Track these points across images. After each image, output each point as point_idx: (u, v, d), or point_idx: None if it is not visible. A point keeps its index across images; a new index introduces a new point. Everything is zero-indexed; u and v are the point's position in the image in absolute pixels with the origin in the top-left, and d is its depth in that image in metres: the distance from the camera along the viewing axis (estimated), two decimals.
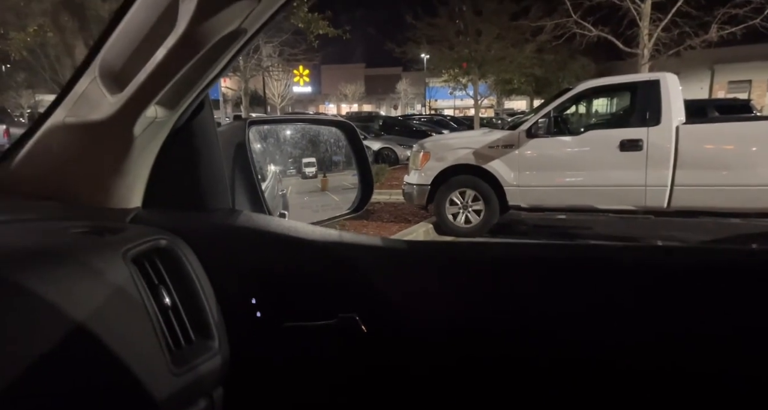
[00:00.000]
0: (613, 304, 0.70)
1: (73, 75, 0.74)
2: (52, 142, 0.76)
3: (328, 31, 8.45)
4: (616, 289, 0.71)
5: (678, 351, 0.67)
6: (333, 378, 0.77)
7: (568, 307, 0.72)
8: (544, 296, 0.73)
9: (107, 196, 0.78)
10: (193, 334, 0.69)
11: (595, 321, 0.71)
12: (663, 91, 5.04)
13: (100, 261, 0.62)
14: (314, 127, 1.27)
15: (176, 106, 0.76)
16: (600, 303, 0.71)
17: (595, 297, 0.71)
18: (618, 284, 0.71)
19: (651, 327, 0.68)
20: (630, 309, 0.70)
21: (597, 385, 0.70)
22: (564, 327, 0.71)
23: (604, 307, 0.71)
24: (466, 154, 5.59)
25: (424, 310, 0.75)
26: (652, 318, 0.69)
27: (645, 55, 12.24)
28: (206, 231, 0.79)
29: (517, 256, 0.78)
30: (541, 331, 0.72)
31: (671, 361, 0.67)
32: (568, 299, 0.72)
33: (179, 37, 0.63)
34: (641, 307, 0.69)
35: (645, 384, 0.68)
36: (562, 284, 0.73)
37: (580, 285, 0.72)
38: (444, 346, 0.74)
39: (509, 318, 0.73)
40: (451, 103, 40.16)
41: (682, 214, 5.09)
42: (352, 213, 1.21)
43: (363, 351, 0.75)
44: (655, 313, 0.69)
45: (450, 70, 18.62)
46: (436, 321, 0.75)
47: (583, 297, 0.71)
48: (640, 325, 0.69)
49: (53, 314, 0.53)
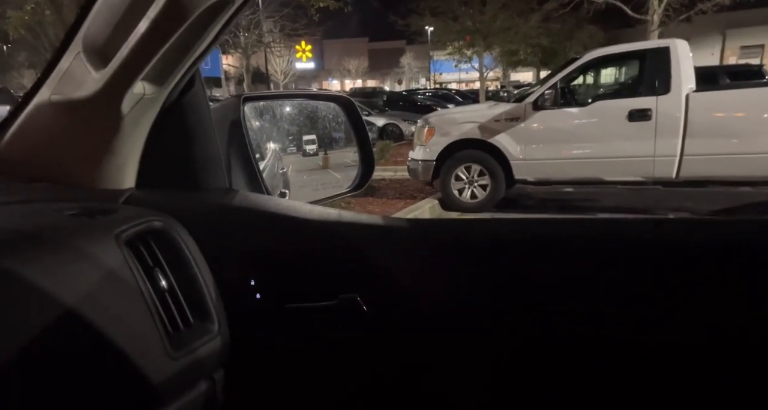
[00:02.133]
0: (619, 281, 0.69)
1: (57, 51, 0.71)
2: (38, 122, 0.74)
3: (329, 4, 8.26)
4: (623, 265, 0.69)
5: (691, 327, 0.66)
6: (335, 359, 0.77)
7: (574, 285, 0.70)
8: (550, 274, 0.71)
9: (98, 176, 0.76)
10: (191, 317, 0.68)
11: (603, 298, 0.69)
12: (673, 59, 4.91)
13: (92, 244, 0.60)
14: (312, 103, 1.24)
15: (165, 82, 0.73)
16: (607, 280, 0.69)
17: (602, 274, 0.69)
18: (626, 260, 0.69)
19: (663, 305, 0.67)
20: (638, 286, 0.68)
21: (605, 363, 0.69)
22: (569, 305, 0.70)
23: (611, 284, 0.69)
24: (471, 128, 5.52)
25: (426, 289, 0.74)
26: (663, 295, 0.67)
27: (654, 21, 11.90)
28: (202, 211, 0.77)
29: (522, 233, 0.76)
30: (547, 310, 0.71)
31: (686, 337, 0.66)
32: (575, 276, 0.70)
33: (161, 7, 0.60)
34: (651, 284, 0.68)
35: (656, 361, 0.67)
36: (567, 261, 0.71)
37: (587, 262, 0.70)
38: (447, 326, 0.73)
39: (513, 297, 0.71)
40: (456, 76, 39.54)
41: (691, 184, 5.02)
42: (352, 190, 1.19)
43: (364, 332, 0.74)
44: (666, 290, 0.67)
45: (454, 42, 18.24)
46: (438, 300, 0.73)
47: (591, 275, 0.70)
48: (650, 303, 0.67)
49: (43, 300, 0.52)
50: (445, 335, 0.74)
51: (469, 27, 17.11)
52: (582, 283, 0.70)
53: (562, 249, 0.72)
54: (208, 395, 0.70)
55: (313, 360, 0.77)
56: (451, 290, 0.73)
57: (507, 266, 0.72)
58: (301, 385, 0.79)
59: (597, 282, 0.69)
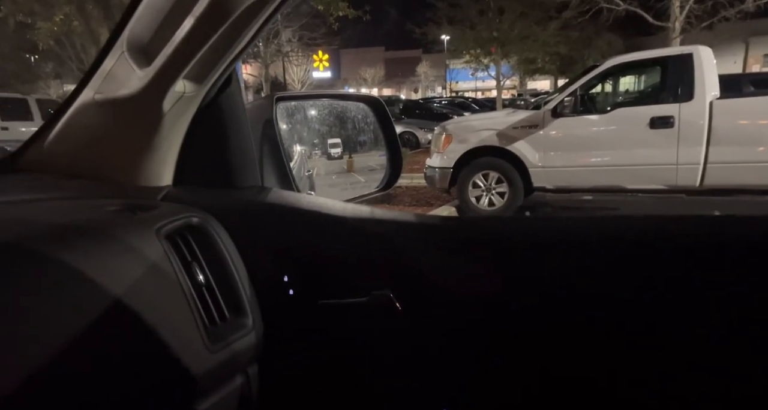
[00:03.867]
0: (654, 278, 0.67)
1: (101, 52, 0.73)
2: (82, 120, 0.76)
3: (347, 13, 8.35)
4: (656, 267, 0.68)
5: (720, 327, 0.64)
6: (367, 355, 0.77)
7: (606, 286, 0.69)
8: (585, 274, 0.70)
9: (138, 173, 0.78)
10: (227, 312, 0.69)
11: (638, 296, 0.68)
12: (696, 65, 4.84)
13: (135, 237, 0.61)
14: (341, 103, 1.25)
15: (204, 80, 0.75)
16: (643, 278, 0.68)
17: (637, 272, 0.68)
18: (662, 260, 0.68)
19: (699, 303, 0.65)
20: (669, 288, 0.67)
21: (634, 363, 0.68)
22: (601, 306, 0.69)
23: (647, 282, 0.68)
24: (489, 135, 5.50)
25: (458, 287, 0.73)
26: (700, 293, 0.66)
27: (676, 28, 11.76)
28: (237, 208, 0.78)
29: (556, 232, 0.75)
30: (580, 312, 0.70)
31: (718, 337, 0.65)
32: (607, 278, 0.69)
33: (206, 6, 0.61)
34: (682, 286, 0.66)
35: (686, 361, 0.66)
36: (603, 262, 0.70)
37: (623, 261, 0.69)
38: (479, 323, 0.73)
39: (547, 296, 0.71)
40: (472, 84, 39.49)
41: (715, 193, 4.92)
42: (381, 190, 1.19)
43: (397, 328, 0.74)
44: (704, 287, 0.66)
45: (471, 50, 18.25)
46: (471, 297, 0.73)
47: (626, 273, 0.69)
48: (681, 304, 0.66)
49: (91, 289, 0.53)
50: (478, 332, 0.73)
51: (487, 35, 17.11)
52: (617, 282, 0.69)
53: (596, 248, 0.71)
54: (243, 389, 0.70)
55: (346, 356, 0.77)
56: (485, 287, 0.73)
57: (543, 265, 0.71)
58: (332, 381, 0.79)
59: (632, 280, 0.68)
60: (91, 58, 9.11)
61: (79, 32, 7.61)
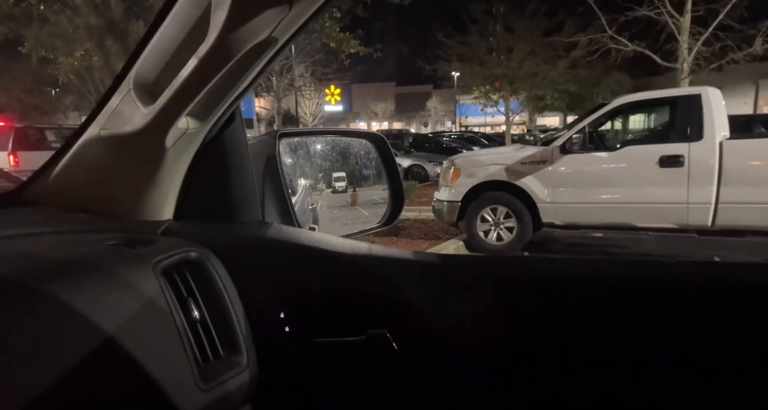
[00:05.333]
0: (662, 326, 0.65)
1: (108, 90, 0.76)
2: (87, 155, 0.78)
3: (359, 50, 8.58)
4: (668, 310, 0.65)
5: (733, 371, 0.62)
6: (363, 396, 0.74)
7: (607, 325, 0.67)
8: (584, 315, 0.68)
9: (140, 207, 0.79)
10: (221, 349, 0.67)
11: (640, 340, 0.66)
12: (705, 106, 4.87)
13: (131, 273, 0.61)
14: (344, 139, 1.26)
15: (207, 118, 0.76)
16: (645, 322, 0.66)
17: (639, 319, 0.66)
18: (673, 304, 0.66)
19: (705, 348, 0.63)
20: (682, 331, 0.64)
21: (634, 402, 0.65)
22: (604, 348, 0.67)
23: (650, 329, 0.65)
24: (497, 170, 5.52)
25: (457, 327, 0.72)
26: (705, 337, 0.63)
27: (684, 69, 11.91)
28: (236, 243, 0.78)
29: (555, 272, 0.74)
30: (580, 352, 0.68)
31: (744, 385, 0.61)
32: (609, 320, 0.68)
33: (210, 46, 0.63)
34: (697, 329, 0.64)
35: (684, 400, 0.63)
36: (604, 303, 0.68)
37: (622, 303, 0.68)
38: (477, 362, 0.71)
39: (545, 337, 0.69)
40: (481, 119, 40.03)
41: (728, 233, 4.84)
42: (382, 226, 1.18)
43: (394, 368, 0.72)
44: (709, 333, 0.63)
45: (481, 87, 18.60)
46: (469, 338, 0.71)
47: (627, 315, 0.67)
48: (699, 349, 0.63)
49: (83, 325, 0.53)
50: (477, 373, 0.70)
51: (496, 72, 17.46)
52: (616, 324, 0.67)
53: (595, 289, 0.69)
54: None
55: (341, 396, 0.74)
56: (483, 327, 0.71)
57: (541, 305, 0.70)
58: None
59: (632, 322, 0.67)
60: None
61: (99, 66, 7.90)
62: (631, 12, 12.30)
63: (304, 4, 0.62)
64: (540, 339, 0.69)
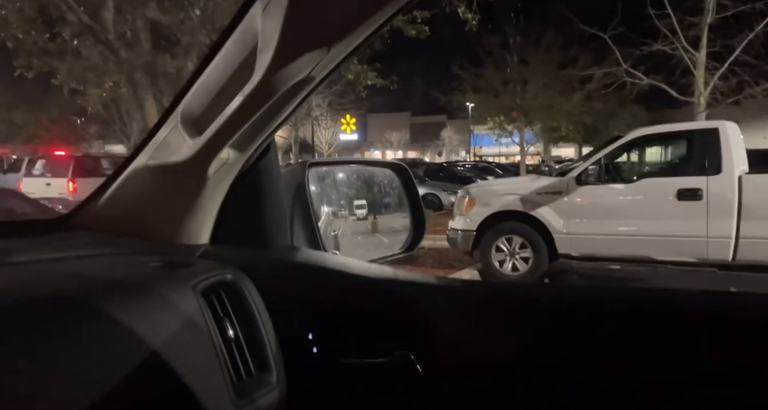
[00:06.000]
0: (681, 356, 0.66)
1: (156, 123, 0.82)
2: (134, 183, 0.84)
3: (376, 82, 8.78)
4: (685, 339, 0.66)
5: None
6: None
7: (631, 357, 0.68)
8: (601, 340, 0.70)
9: (179, 232, 0.84)
10: (253, 367, 0.70)
11: (662, 369, 0.66)
12: (722, 140, 4.85)
13: (173, 293, 0.65)
14: (369, 169, 1.31)
15: (246, 149, 0.81)
16: (669, 352, 0.67)
17: (662, 345, 0.67)
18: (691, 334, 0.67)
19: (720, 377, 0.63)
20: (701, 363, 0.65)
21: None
22: (616, 372, 0.68)
23: (673, 356, 0.66)
24: (512, 199, 5.52)
25: (479, 351, 0.73)
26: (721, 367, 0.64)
27: (701, 103, 11.92)
28: (267, 266, 0.82)
29: (578, 300, 0.75)
30: (602, 380, 0.68)
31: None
32: (628, 345, 0.69)
33: (255, 85, 0.68)
34: (713, 361, 0.64)
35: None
36: (627, 332, 0.69)
37: (643, 332, 0.69)
38: (499, 386, 0.72)
39: (567, 362, 0.70)
40: (496, 150, 40.19)
41: (750, 268, 4.73)
42: (404, 253, 1.21)
43: (417, 391, 0.73)
44: (733, 367, 0.64)
45: (495, 117, 18.77)
46: (491, 362, 0.73)
47: (649, 344, 0.68)
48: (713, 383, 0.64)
49: (130, 340, 0.57)
50: (497, 397, 0.72)
51: (511, 103, 17.64)
52: (638, 352, 0.68)
53: (613, 315, 0.71)
54: None
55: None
56: (506, 353, 0.72)
57: (561, 329, 0.72)
58: None
59: (655, 352, 0.67)
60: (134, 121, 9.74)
61: (126, 98, 8.20)
62: (646, 47, 12.43)
63: (340, 46, 0.67)
64: (561, 364, 0.70)
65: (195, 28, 6.46)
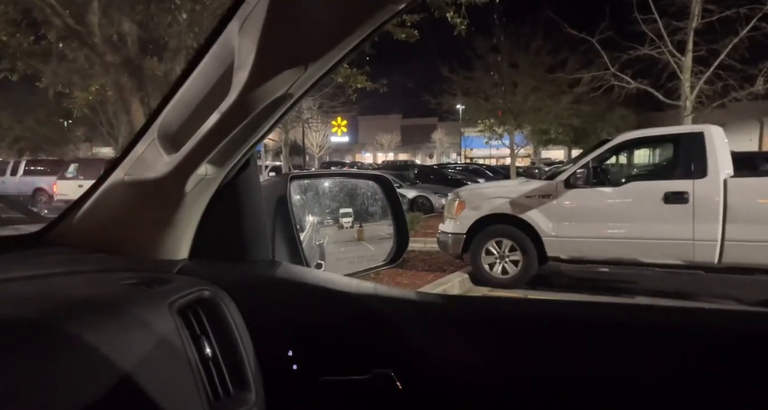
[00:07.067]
0: (663, 374, 0.66)
1: (133, 138, 0.81)
2: (110, 199, 0.82)
3: (366, 85, 8.78)
4: (668, 357, 0.66)
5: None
6: None
7: (611, 374, 0.68)
8: (589, 360, 0.70)
9: (157, 248, 0.83)
10: (231, 386, 0.69)
11: (641, 392, 0.66)
12: (708, 144, 4.92)
13: (148, 311, 0.64)
14: (352, 181, 1.30)
15: (225, 164, 0.80)
16: (648, 373, 0.67)
17: (641, 366, 0.67)
18: (673, 352, 0.67)
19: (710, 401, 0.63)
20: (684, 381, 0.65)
21: None
22: (607, 396, 0.68)
23: (654, 377, 0.66)
24: (502, 203, 5.55)
25: (460, 368, 0.73)
26: (709, 390, 0.64)
27: (687, 107, 12.07)
28: (247, 282, 0.81)
29: (559, 316, 0.75)
30: (582, 398, 0.68)
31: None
32: (613, 365, 0.69)
33: (232, 102, 0.67)
34: (695, 379, 0.65)
35: None
36: (607, 349, 0.69)
37: (623, 351, 0.69)
38: (480, 405, 0.72)
39: (549, 381, 0.70)
40: (486, 152, 40.39)
41: (735, 271, 4.79)
42: (387, 264, 1.21)
43: (398, 408, 0.73)
44: (697, 380, 0.64)
45: (485, 120, 18.86)
46: (472, 379, 0.72)
47: (627, 365, 0.68)
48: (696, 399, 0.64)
49: (100, 363, 0.55)
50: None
51: (500, 106, 17.73)
52: (618, 369, 0.68)
53: (605, 336, 0.70)
54: None
55: None
56: (487, 369, 0.72)
57: (544, 348, 0.71)
58: None
59: (634, 368, 0.68)
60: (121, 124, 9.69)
61: (112, 101, 8.13)
62: (633, 51, 12.57)
63: (318, 64, 0.66)
64: (541, 380, 0.70)
65: (182, 32, 6.41)
